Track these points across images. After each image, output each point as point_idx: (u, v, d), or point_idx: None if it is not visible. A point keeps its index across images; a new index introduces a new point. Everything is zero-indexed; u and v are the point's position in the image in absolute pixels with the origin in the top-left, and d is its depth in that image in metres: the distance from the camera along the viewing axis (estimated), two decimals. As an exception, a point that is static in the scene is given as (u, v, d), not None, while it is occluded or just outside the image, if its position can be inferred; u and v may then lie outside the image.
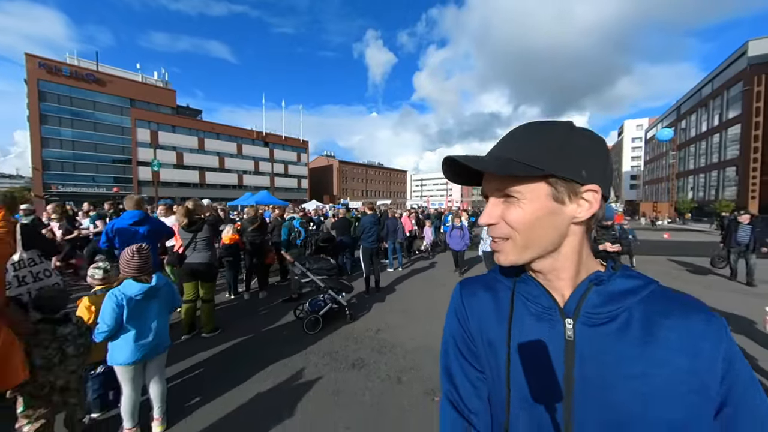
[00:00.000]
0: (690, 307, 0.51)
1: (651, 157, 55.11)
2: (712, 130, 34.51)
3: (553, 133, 0.52)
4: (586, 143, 0.52)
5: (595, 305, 0.52)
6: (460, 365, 0.64)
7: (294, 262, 4.60)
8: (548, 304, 0.56)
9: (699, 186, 37.67)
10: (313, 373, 3.22)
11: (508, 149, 0.53)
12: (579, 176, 0.50)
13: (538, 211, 0.51)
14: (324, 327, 4.30)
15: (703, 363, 0.47)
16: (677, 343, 0.48)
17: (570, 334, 0.53)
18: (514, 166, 0.50)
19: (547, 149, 0.51)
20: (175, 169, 53.54)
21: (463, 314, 0.65)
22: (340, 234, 7.37)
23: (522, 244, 0.53)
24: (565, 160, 0.50)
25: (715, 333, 0.48)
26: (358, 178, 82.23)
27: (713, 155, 34.62)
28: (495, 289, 0.64)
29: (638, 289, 0.52)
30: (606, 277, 0.54)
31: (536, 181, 0.51)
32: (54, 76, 44.85)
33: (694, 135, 38.73)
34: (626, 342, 0.49)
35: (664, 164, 45.19)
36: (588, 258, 0.56)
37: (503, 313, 0.60)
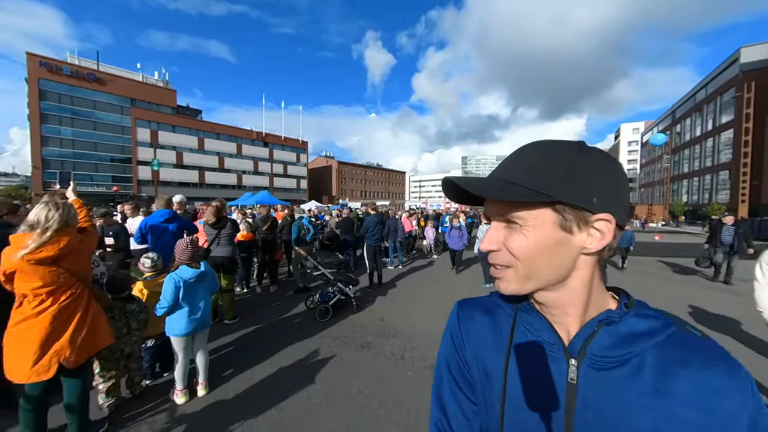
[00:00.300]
0: (712, 356, 0.46)
1: (647, 160, 55.90)
2: (706, 135, 35.24)
3: (561, 154, 0.48)
4: (598, 167, 0.48)
5: (604, 347, 0.48)
6: (453, 394, 0.60)
7: (307, 256, 5.05)
8: (552, 340, 0.52)
9: (693, 189, 38.38)
10: (327, 352, 3.66)
11: (511, 171, 0.49)
12: (590, 204, 0.46)
13: (543, 240, 0.48)
14: (333, 316, 4.74)
15: (720, 423, 0.42)
16: (693, 397, 0.44)
17: (573, 377, 0.49)
18: (516, 191, 0.47)
19: (554, 173, 0.47)
20: (174, 168, 53.78)
21: (459, 338, 0.62)
22: (344, 233, 7.82)
23: (524, 274, 0.50)
24: (574, 185, 0.46)
25: (739, 390, 0.43)
26: (357, 178, 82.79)
27: (707, 159, 35.33)
28: (495, 315, 0.60)
29: (654, 332, 0.48)
30: (618, 317, 0.49)
31: (542, 207, 0.47)
32: (55, 75, 45.10)
33: (689, 139, 39.46)
34: (635, 391, 0.46)
35: (659, 168, 45.91)
36: (599, 292, 0.52)
37: (502, 342, 0.56)
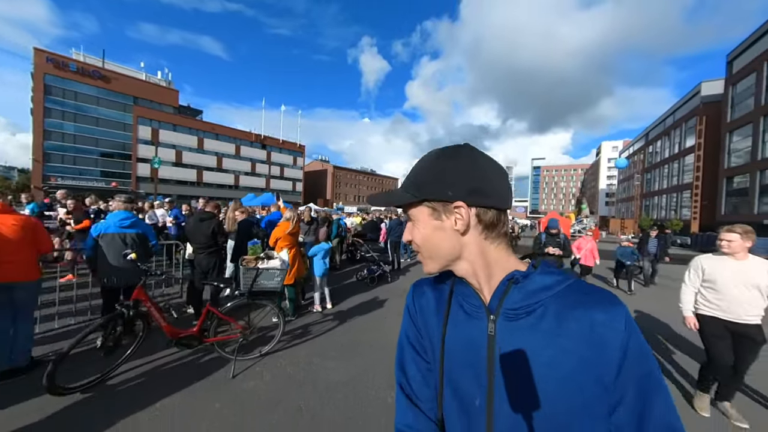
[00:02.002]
0: (597, 297, 0.56)
1: (624, 177, 60.02)
2: (673, 157, 39.02)
3: (423, 160, 0.63)
4: (449, 167, 0.59)
5: (514, 302, 0.58)
6: (411, 358, 0.72)
7: (363, 244, 7.43)
8: (477, 303, 0.62)
9: (662, 205, 42.11)
10: (381, 301, 6.02)
11: (404, 180, 0.66)
12: (446, 196, 0.58)
13: (426, 229, 0.62)
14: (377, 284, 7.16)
15: (601, 351, 0.52)
16: (579, 332, 0.53)
17: (492, 330, 0.58)
18: (399, 197, 0.64)
19: (419, 178, 0.61)
20: (173, 167, 54.69)
21: (414, 311, 0.74)
22: (369, 231, 10.20)
23: (427, 256, 0.64)
24: (432, 184, 0.59)
25: (614, 321, 0.53)
26: (351, 183, 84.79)
27: (674, 179, 39.07)
28: (439, 290, 0.72)
29: (554, 285, 0.57)
30: (522, 276, 0.59)
31: (418, 206, 0.62)
32: (61, 71, 45.91)
33: (659, 160, 43.32)
34: (539, 334, 0.55)
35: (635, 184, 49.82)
36: (501, 260, 0.62)
37: (442, 310, 0.68)
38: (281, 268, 3.31)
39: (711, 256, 2.92)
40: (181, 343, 2.92)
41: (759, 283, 2.64)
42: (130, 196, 3.30)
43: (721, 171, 28.56)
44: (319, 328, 4.33)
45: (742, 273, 2.69)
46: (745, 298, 2.69)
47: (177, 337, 2.90)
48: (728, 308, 2.76)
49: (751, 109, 25.26)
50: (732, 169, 27.67)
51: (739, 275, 2.70)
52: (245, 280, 3.18)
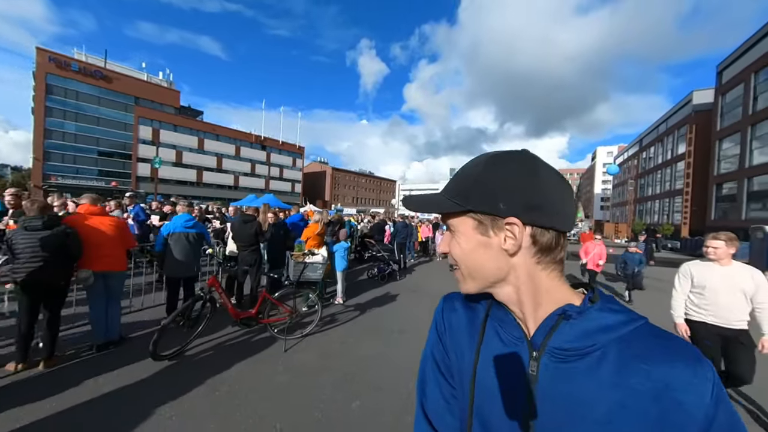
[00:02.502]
0: (676, 350, 0.46)
1: (618, 182, 61.09)
2: (666, 163, 40.00)
3: (475, 166, 0.54)
4: (506, 174, 0.51)
5: (565, 341, 0.49)
6: (435, 379, 0.65)
7: (375, 244, 8.07)
8: (518, 334, 0.54)
9: (655, 210, 43.07)
10: (393, 296, 6.66)
11: (448, 186, 0.57)
12: (497, 210, 0.50)
13: (468, 243, 0.54)
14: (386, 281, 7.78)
15: (676, 418, 0.42)
16: (649, 391, 0.43)
17: (534, 369, 0.51)
18: (443, 204, 0.55)
19: (467, 185, 0.53)
20: (173, 167, 54.95)
21: (443, 329, 0.67)
22: (376, 233, 10.82)
23: (466, 274, 0.56)
24: (481, 193, 0.51)
25: (698, 384, 0.43)
26: (350, 185, 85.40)
27: (666, 185, 40.04)
28: (474, 308, 0.64)
29: (618, 326, 0.48)
30: (577, 312, 0.50)
31: (462, 216, 0.54)
32: (63, 70, 46.19)
33: (653, 166, 44.31)
34: (594, 383, 0.46)
35: (628, 189, 50.81)
36: (555, 289, 0.54)
37: (475, 334, 0.60)
38: (322, 263, 3.96)
39: (698, 262, 2.96)
40: (242, 322, 3.56)
41: (744, 288, 2.71)
42: (191, 201, 3.91)
43: (711, 178, 29.47)
44: (344, 317, 4.97)
45: (729, 278, 2.75)
46: (733, 303, 2.74)
47: (239, 318, 3.53)
48: (717, 313, 2.79)
49: (740, 118, 26.18)
50: (721, 175, 28.58)
51: (726, 281, 2.76)
52: (294, 272, 3.82)
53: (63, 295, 3.03)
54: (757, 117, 24.15)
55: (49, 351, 2.94)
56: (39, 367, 2.93)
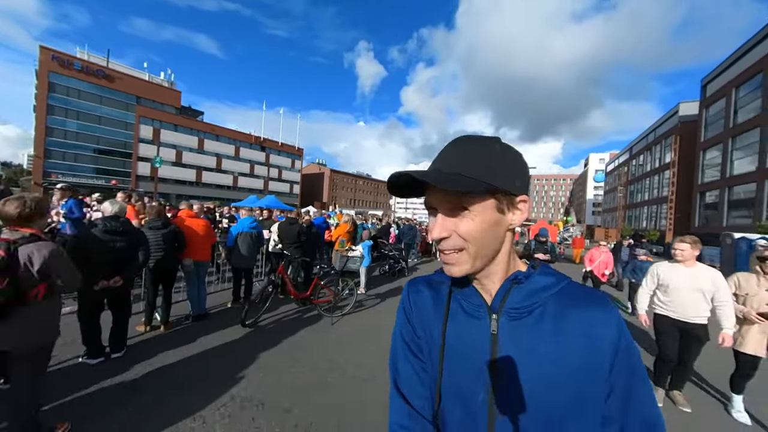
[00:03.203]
0: (592, 298, 0.60)
1: (609, 188, 62.87)
2: (654, 171, 41.64)
3: (492, 149, 0.57)
4: (515, 158, 0.59)
5: (516, 301, 0.60)
6: (405, 356, 0.72)
7: (387, 244, 9.11)
8: (478, 302, 0.64)
9: (644, 216, 44.70)
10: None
11: (456, 164, 0.56)
12: (515, 188, 0.57)
13: (486, 222, 0.56)
14: (397, 277, 8.81)
15: (598, 346, 0.56)
16: (579, 330, 0.57)
17: (494, 328, 0.60)
18: (472, 183, 0.54)
19: (491, 165, 0.56)
20: (173, 166, 55.11)
21: (410, 310, 0.74)
22: (382, 235, 11.87)
23: (474, 254, 0.58)
24: (505, 175, 0.56)
25: (609, 321, 0.58)
26: (348, 187, 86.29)
27: (654, 192, 41.67)
28: (437, 289, 0.72)
29: (552, 286, 0.61)
30: (524, 276, 0.62)
31: (485, 195, 0.56)
32: (65, 69, 46.51)
33: (642, 173, 45.98)
34: (540, 332, 0.58)
35: (618, 196, 52.48)
36: (514, 259, 0.65)
37: (441, 309, 0.68)
38: (360, 257, 5.00)
39: (666, 263, 3.25)
40: (300, 301, 4.59)
41: (704, 288, 2.96)
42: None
43: (696, 186, 31.00)
44: (369, 303, 6.01)
45: (692, 278, 3.01)
46: (693, 300, 3.00)
47: (298, 298, 4.57)
48: (678, 309, 3.07)
49: (722, 130, 27.72)
50: (705, 184, 30.09)
51: (689, 280, 3.01)
52: (339, 264, 4.87)
53: (174, 276, 4.04)
54: (737, 129, 25.64)
55: (165, 318, 3.95)
56: (161, 329, 3.96)
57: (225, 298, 5.37)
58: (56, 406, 2.46)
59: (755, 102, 23.90)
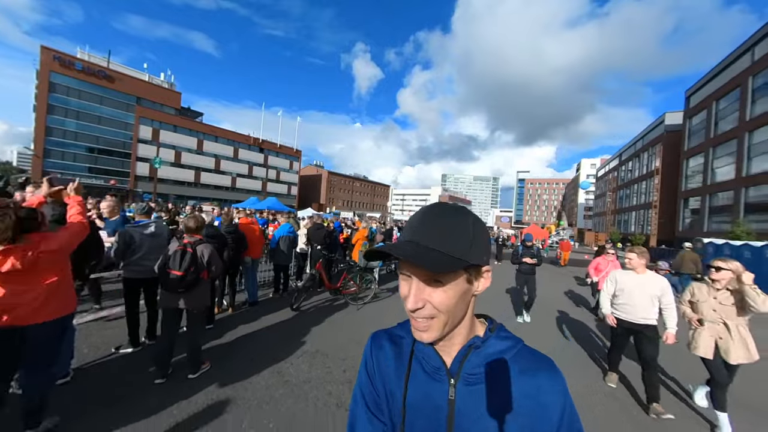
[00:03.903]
0: (540, 365, 0.64)
1: (600, 193, 64.72)
2: (641, 178, 43.30)
3: (466, 226, 0.61)
4: (483, 233, 0.64)
5: (473, 366, 0.64)
6: (366, 418, 0.72)
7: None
8: (438, 364, 0.66)
9: (632, 221, 46.37)
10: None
11: (431, 239, 0.59)
12: (483, 261, 0.62)
13: (458, 294, 0.60)
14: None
15: (545, 413, 0.60)
16: (529, 395, 0.61)
17: (452, 394, 0.64)
18: (448, 262, 0.57)
19: (465, 242, 0.59)
20: (172, 167, 55.45)
21: (372, 367, 0.75)
22: (387, 237, 12.95)
23: (444, 322, 0.61)
24: (477, 251, 0.60)
25: (556, 388, 0.62)
26: (345, 189, 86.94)
27: (642, 197, 43.32)
28: (399, 345, 0.74)
29: (507, 351, 0.65)
30: (482, 341, 0.66)
31: (459, 268, 0.59)
32: (66, 69, 46.91)
33: (630, 179, 47.69)
34: (493, 397, 0.62)
35: (607, 201, 54.20)
36: (473, 322, 0.69)
37: (403, 368, 0.70)
38: (379, 256, 6.12)
39: (622, 270, 3.62)
40: (332, 291, 5.68)
41: (651, 293, 3.31)
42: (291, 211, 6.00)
43: (680, 193, 32.58)
44: (382, 295, 7.12)
45: (642, 284, 3.37)
46: (641, 304, 3.34)
47: (330, 288, 5.66)
48: (629, 311, 3.42)
49: (704, 140, 29.32)
50: (688, 191, 31.65)
51: (639, 286, 3.38)
52: (362, 261, 5.95)
53: (238, 270, 5.10)
54: (717, 140, 27.22)
55: (232, 302, 5.03)
56: (228, 311, 5.07)
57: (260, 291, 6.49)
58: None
59: (734, 114, 25.47)
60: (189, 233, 3.00)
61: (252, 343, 4.13)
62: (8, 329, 1.89)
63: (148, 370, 3.10)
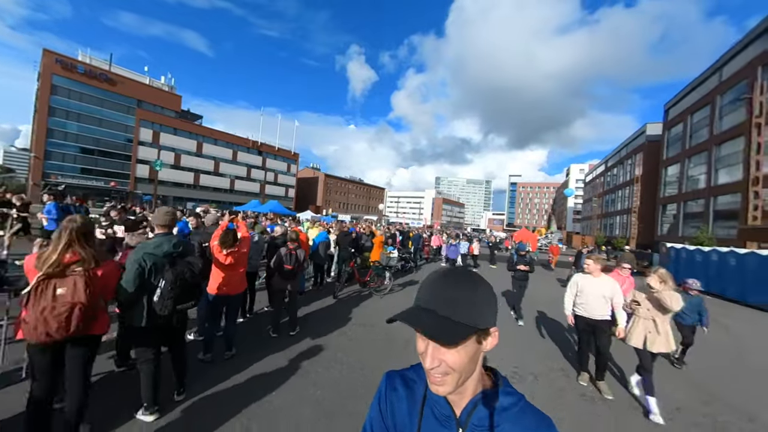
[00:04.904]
0: (540, 423, 0.72)
1: (588, 197, 67.29)
2: (625, 184, 45.70)
3: (477, 294, 0.69)
4: (492, 298, 0.71)
5: (480, 418, 0.72)
6: None
7: (402, 249, 11.90)
8: (448, 413, 0.74)
9: (617, 225, 48.75)
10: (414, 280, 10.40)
11: (445, 307, 0.68)
12: (491, 324, 0.70)
13: (469, 354, 0.67)
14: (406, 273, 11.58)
15: None
16: None
17: None
18: (463, 330, 0.66)
19: (477, 309, 0.68)
20: (172, 169, 56.20)
21: (384, 406, 0.84)
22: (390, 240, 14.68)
23: (458, 379, 0.68)
24: (487, 316, 0.69)
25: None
26: (341, 191, 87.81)
27: (625, 202, 45.70)
28: (413, 388, 0.82)
29: (511, 406, 0.73)
30: (488, 396, 0.73)
31: (470, 335, 0.67)
32: (68, 72, 47.47)
33: (615, 185, 50.12)
34: None
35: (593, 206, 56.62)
36: (481, 375, 0.76)
37: (415, 413, 0.78)
38: (395, 256, 7.79)
39: (581, 274, 4.14)
40: (361, 284, 7.39)
41: (605, 294, 3.86)
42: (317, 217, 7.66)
43: (658, 199, 34.86)
44: (395, 288, 8.79)
45: (597, 286, 3.91)
46: (598, 303, 3.87)
47: (360, 282, 7.36)
48: (588, 309, 3.92)
49: (680, 151, 31.62)
50: (666, 197, 33.91)
51: (596, 288, 3.91)
52: (384, 261, 7.66)
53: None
54: (691, 151, 29.47)
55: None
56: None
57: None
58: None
59: (705, 128, 27.72)
60: (291, 242, 4.67)
61: (316, 317, 5.86)
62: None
63: (264, 328, 4.82)
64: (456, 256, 13.20)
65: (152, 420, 2.58)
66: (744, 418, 3.66)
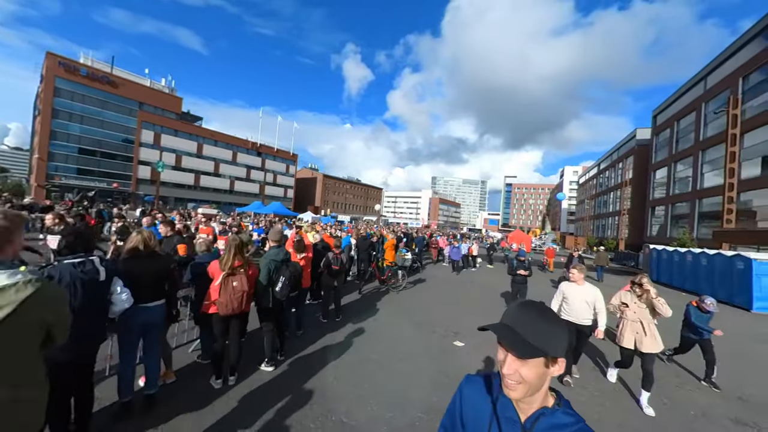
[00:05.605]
0: None
1: (581, 199, 68.93)
2: (616, 186, 47.25)
3: (551, 327, 0.87)
4: (565, 335, 0.87)
5: (542, 429, 0.86)
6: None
7: (409, 251, 13.09)
8: (515, 417, 0.90)
9: (609, 226, 50.32)
10: (422, 279, 11.62)
11: (524, 329, 0.86)
12: (559, 354, 0.85)
13: (538, 372, 0.84)
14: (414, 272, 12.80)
15: None
16: None
17: None
18: (530, 351, 0.83)
19: (549, 340, 0.84)
20: (172, 170, 57.21)
21: (460, 400, 1.04)
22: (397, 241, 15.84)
23: (527, 388, 0.85)
24: (557, 347, 0.85)
25: None
26: (339, 192, 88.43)
27: (617, 204, 47.24)
28: (488, 390, 0.99)
29: (569, 425, 0.86)
30: (551, 412, 0.88)
31: (539, 356, 0.83)
32: (71, 74, 48.15)
33: (607, 187, 51.70)
34: None
35: (585, 208, 58.20)
36: (548, 394, 0.91)
37: (488, 413, 0.95)
38: (410, 258, 9.03)
39: (567, 282, 4.49)
40: (381, 281, 8.61)
41: (587, 300, 4.27)
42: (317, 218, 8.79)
43: (648, 201, 36.33)
44: (409, 285, 9.95)
45: (581, 293, 4.31)
46: (581, 309, 4.27)
47: (379, 279, 8.58)
48: (573, 314, 4.31)
49: (667, 155, 33.10)
50: (655, 200, 35.32)
51: (579, 294, 4.31)
52: (399, 262, 8.89)
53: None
54: (678, 156, 30.91)
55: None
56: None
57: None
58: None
59: (691, 134, 29.18)
60: (336, 248, 5.83)
61: (351, 307, 7.07)
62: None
63: (315, 315, 6.01)
64: (459, 258, 14.18)
65: (271, 370, 3.80)
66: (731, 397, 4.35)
